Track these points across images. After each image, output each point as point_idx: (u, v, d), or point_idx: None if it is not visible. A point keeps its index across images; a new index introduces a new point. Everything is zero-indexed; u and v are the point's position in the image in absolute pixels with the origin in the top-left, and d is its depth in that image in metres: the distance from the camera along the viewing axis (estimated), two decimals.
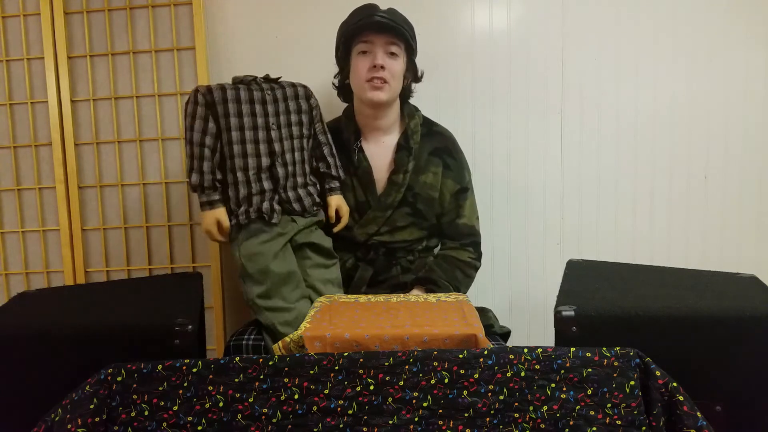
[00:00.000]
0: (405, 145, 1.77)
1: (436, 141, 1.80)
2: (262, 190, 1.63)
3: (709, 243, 2.09)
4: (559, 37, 2.04)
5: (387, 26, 1.65)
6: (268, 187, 1.63)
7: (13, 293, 1.93)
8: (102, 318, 1.42)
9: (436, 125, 1.84)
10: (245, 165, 1.61)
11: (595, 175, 2.09)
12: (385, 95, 1.70)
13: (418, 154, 1.77)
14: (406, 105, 1.81)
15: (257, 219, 1.62)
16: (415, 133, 1.77)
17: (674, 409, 1.13)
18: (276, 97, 1.66)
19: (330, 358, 1.19)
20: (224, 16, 2.08)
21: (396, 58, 1.69)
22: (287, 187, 1.66)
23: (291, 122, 1.68)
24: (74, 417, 1.14)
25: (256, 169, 1.62)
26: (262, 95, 1.64)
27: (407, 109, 1.80)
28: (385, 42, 1.67)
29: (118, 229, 2.14)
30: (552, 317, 1.33)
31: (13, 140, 2.12)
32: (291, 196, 1.66)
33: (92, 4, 2.07)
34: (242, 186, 1.62)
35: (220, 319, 2.11)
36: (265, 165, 1.63)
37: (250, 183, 1.62)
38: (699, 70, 2.03)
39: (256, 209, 1.61)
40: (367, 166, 1.77)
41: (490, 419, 1.15)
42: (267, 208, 1.62)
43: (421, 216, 1.76)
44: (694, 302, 1.32)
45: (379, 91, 1.69)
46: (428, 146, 1.79)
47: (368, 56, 1.68)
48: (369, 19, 1.65)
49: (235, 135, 1.60)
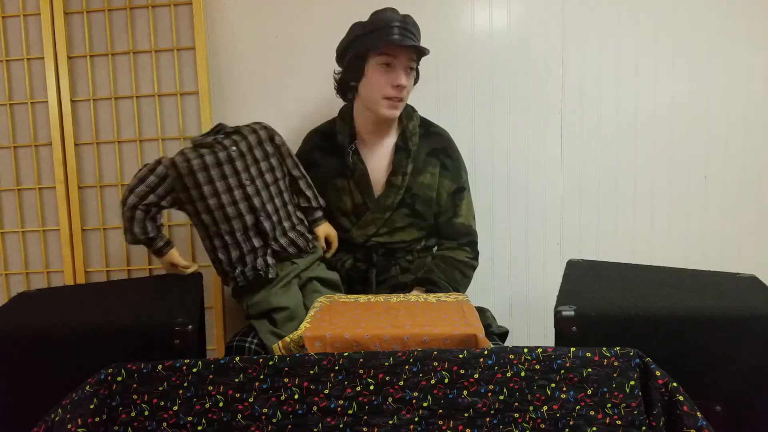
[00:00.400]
0: (403, 146, 1.76)
1: (433, 141, 1.79)
2: (253, 248, 1.63)
3: (709, 243, 2.09)
4: (559, 37, 2.04)
5: (414, 41, 1.63)
6: (258, 243, 1.64)
7: (13, 293, 1.93)
8: (102, 318, 1.42)
9: (433, 125, 1.84)
10: (230, 228, 1.62)
11: (595, 175, 2.09)
12: (399, 111, 1.71)
13: (416, 155, 1.77)
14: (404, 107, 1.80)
15: (255, 277, 1.63)
16: (413, 135, 1.77)
17: (674, 409, 1.13)
18: (242, 152, 1.64)
19: (330, 358, 1.19)
20: (224, 16, 2.08)
21: (413, 72, 1.70)
22: (277, 237, 1.66)
23: (262, 171, 1.67)
24: (74, 417, 1.14)
25: (243, 230, 1.63)
26: (226, 154, 1.62)
27: (405, 111, 1.78)
28: (407, 59, 1.66)
29: (118, 229, 2.14)
30: (552, 317, 1.33)
31: (13, 140, 2.12)
32: (283, 242, 1.67)
33: (92, 4, 2.07)
34: (232, 249, 1.63)
35: (220, 319, 2.11)
36: (250, 223, 1.63)
37: (240, 244, 1.63)
38: (699, 70, 2.03)
39: (251, 268, 1.63)
40: (363, 168, 1.77)
41: (490, 419, 1.15)
42: (262, 264, 1.63)
43: (419, 216, 1.76)
44: (694, 302, 1.32)
45: (395, 109, 1.70)
46: (426, 147, 1.78)
47: (389, 72, 1.65)
48: (398, 34, 1.61)
49: (213, 202, 1.60)
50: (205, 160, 1.60)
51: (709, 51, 2.02)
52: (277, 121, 2.12)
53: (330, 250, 1.77)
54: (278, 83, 2.10)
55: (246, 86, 2.11)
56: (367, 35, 1.64)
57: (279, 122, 2.11)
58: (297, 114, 2.10)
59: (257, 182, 1.64)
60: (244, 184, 1.62)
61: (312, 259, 1.71)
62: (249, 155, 1.65)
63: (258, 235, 1.64)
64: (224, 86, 2.11)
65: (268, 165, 1.68)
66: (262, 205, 1.64)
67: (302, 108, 2.10)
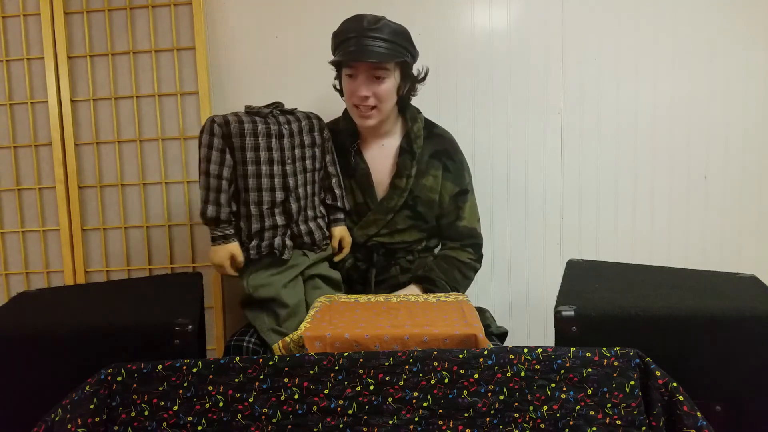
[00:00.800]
0: (408, 149, 1.76)
1: (435, 144, 1.79)
2: (275, 225, 1.62)
3: (709, 243, 2.09)
4: (559, 37, 2.04)
5: (370, 54, 1.60)
6: (281, 222, 1.63)
7: (13, 293, 1.93)
8: (102, 318, 1.42)
9: (436, 127, 1.83)
10: (259, 199, 1.60)
11: (595, 175, 2.09)
12: (373, 121, 1.70)
13: (420, 157, 1.76)
14: (408, 108, 1.79)
15: (268, 254, 1.62)
16: (418, 137, 1.76)
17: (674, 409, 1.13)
18: (292, 131, 1.65)
19: (330, 358, 1.19)
20: (224, 16, 2.08)
21: (383, 80, 1.65)
22: (299, 221, 1.66)
23: (305, 156, 1.67)
24: (74, 417, 1.14)
25: (270, 204, 1.61)
26: (278, 129, 1.62)
27: (409, 113, 1.78)
28: (369, 68, 1.63)
29: (118, 229, 2.14)
30: (552, 317, 1.33)
31: (13, 140, 2.12)
32: (302, 229, 1.67)
33: (92, 4, 2.07)
34: (255, 220, 1.61)
35: (220, 319, 2.11)
36: (279, 200, 1.62)
37: (263, 217, 1.61)
38: (699, 70, 2.03)
39: (267, 245, 1.61)
40: (365, 168, 1.77)
41: (490, 419, 1.15)
42: (279, 243, 1.62)
43: (421, 218, 1.76)
44: (694, 302, 1.32)
45: (366, 119, 1.69)
46: (429, 149, 1.78)
47: (354, 81, 1.66)
48: (354, 47, 1.60)
49: (251, 169, 1.59)
50: (257, 126, 1.60)
51: (709, 51, 2.02)
52: None
53: (340, 254, 1.76)
54: (278, 83, 2.10)
55: (246, 86, 2.11)
56: (343, 44, 1.64)
57: None
58: None
59: (297, 164, 1.65)
60: (285, 161, 1.62)
61: (321, 256, 1.71)
62: (298, 137, 1.66)
63: (282, 214, 1.63)
64: (224, 86, 2.11)
65: (311, 152, 1.69)
66: (295, 187, 1.64)
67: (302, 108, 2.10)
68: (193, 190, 2.13)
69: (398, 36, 1.64)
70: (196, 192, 2.13)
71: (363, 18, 1.63)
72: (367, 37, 1.60)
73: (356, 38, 1.61)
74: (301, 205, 1.66)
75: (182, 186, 2.12)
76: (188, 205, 2.13)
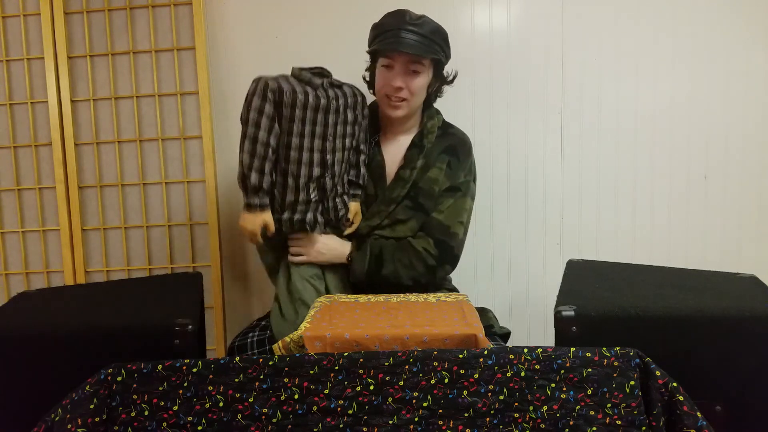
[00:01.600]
0: (418, 143, 1.78)
1: (448, 140, 1.80)
2: (308, 200, 1.62)
3: (709, 243, 2.09)
4: (559, 37, 2.04)
5: (410, 46, 1.62)
6: (314, 197, 1.63)
7: (13, 293, 1.92)
8: (102, 318, 1.42)
9: (452, 127, 1.85)
10: (297, 172, 1.60)
11: (595, 174, 2.09)
12: (402, 112, 1.72)
13: (430, 152, 1.77)
14: (429, 108, 1.81)
15: (300, 229, 1.63)
16: (430, 133, 1.78)
17: (674, 409, 1.13)
18: (338, 107, 1.64)
19: (330, 358, 1.19)
20: (224, 16, 2.08)
21: (418, 75, 1.68)
22: (330, 198, 1.67)
23: (345, 133, 1.67)
24: (74, 417, 1.14)
25: (307, 178, 1.61)
26: (327, 104, 1.61)
27: (428, 112, 1.81)
28: (406, 61, 1.66)
29: (118, 229, 2.14)
30: (552, 317, 1.33)
31: (13, 140, 2.12)
32: (331, 205, 1.67)
33: (92, 4, 2.07)
34: (290, 192, 1.60)
35: (220, 319, 2.11)
36: (315, 175, 1.61)
37: (299, 190, 1.60)
38: (699, 70, 2.03)
39: (300, 219, 1.62)
40: (381, 159, 1.78)
41: (490, 419, 1.15)
42: (311, 219, 1.62)
43: (421, 209, 1.76)
44: (694, 302, 1.32)
45: (396, 109, 1.71)
46: (441, 145, 1.79)
47: (390, 72, 1.67)
48: (393, 38, 1.62)
49: (295, 141, 1.58)
50: (308, 99, 1.58)
51: (709, 51, 2.02)
52: None
53: (350, 228, 1.75)
54: None
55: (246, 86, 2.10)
56: (382, 35, 1.66)
57: None
58: None
59: (337, 141, 1.65)
60: (327, 137, 1.62)
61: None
62: (342, 114, 1.65)
63: (317, 190, 1.63)
64: (224, 86, 2.11)
65: (351, 130, 1.69)
66: (332, 163, 1.64)
67: None
68: (193, 190, 2.13)
69: (436, 34, 1.67)
70: (196, 192, 2.13)
71: (405, 13, 1.66)
72: (407, 31, 1.62)
73: (396, 30, 1.63)
74: (335, 181, 1.66)
75: (182, 186, 2.12)
76: (188, 205, 2.13)
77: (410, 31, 1.63)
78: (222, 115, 2.11)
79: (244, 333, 1.66)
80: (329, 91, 1.63)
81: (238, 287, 2.20)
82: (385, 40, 1.63)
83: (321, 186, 1.63)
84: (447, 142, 1.80)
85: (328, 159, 1.62)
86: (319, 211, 1.64)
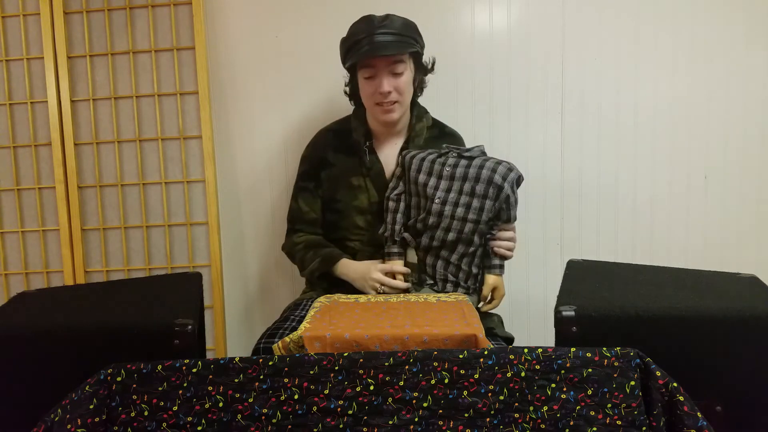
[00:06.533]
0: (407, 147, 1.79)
1: (448, 142, 1.80)
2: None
3: (709, 243, 2.09)
4: (559, 37, 2.04)
5: (386, 48, 1.62)
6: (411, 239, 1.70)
7: (13, 293, 1.92)
8: (102, 318, 1.42)
9: (447, 127, 1.87)
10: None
11: (595, 175, 2.09)
12: (397, 114, 1.72)
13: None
14: (416, 106, 1.81)
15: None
16: (417, 136, 1.78)
17: (674, 409, 1.13)
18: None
19: (330, 358, 1.18)
20: (224, 16, 2.08)
21: (402, 74, 1.68)
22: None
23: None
24: (74, 417, 1.14)
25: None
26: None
27: (416, 111, 1.81)
28: (387, 64, 1.65)
29: (117, 229, 2.14)
30: (552, 317, 1.33)
31: (13, 140, 2.12)
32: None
33: (92, 4, 2.07)
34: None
35: (219, 319, 2.11)
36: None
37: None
38: (699, 70, 2.03)
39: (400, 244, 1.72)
40: (380, 166, 1.78)
41: (490, 419, 1.15)
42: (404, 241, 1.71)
43: None
44: (694, 302, 1.32)
45: (390, 113, 1.71)
46: (441, 147, 1.79)
47: (374, 81, 1.67)
48: (368, 45, 1.62)
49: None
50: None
51: (709, 51, 2.02)
52: (277, 121, 2.13)
53: (489, 305, 1.71)
54: (278, 83, 2.10)
55: (246, 86, 2.11)
56: (354, 46, 1.66)
57: (279, 122, 2.12)
58: (297, 114, 2.10)
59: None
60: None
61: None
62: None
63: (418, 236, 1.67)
64: (224, 86, 2.11)
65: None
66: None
67: (302, 108, 2.10)
68: (193, 189, 2.13)
69: (407, 28, 1.67)
70: (196, 192, 2.13)
71: (370, 19, 1.66)
72: (378, 34, 1.62)
73: (368, 37, 1.62)
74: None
75: (182, 186, 2.12)
76: (188, 205, 2.13)
77: (381, 34, 1.62)
78: (222, 115, 2.11)
79: (270, 335, 1.61)
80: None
81: (238, 287, 2.20)
82: (360, 50, 1.63)
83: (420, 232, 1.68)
84: (447, 143, 1.79)
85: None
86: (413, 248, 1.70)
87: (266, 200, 2.15)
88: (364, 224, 1.78)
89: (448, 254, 1.65)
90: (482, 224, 1.62)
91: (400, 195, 1.71)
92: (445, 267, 1.66)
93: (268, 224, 2.15)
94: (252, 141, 2.12)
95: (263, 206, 2.16)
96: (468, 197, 1.61)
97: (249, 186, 2.15)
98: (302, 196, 1.82)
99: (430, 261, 1.66)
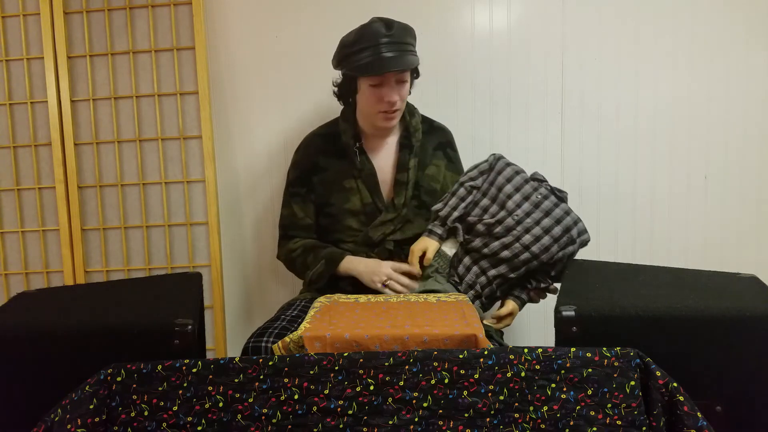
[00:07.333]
0: (407, 143, 1.79)
1: (439, 136, 1.83)
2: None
3: (709, 243, 2.08)
4: (559, 37, 2.04)
5: (399, 63, 1.63)
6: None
7: (13, 293, 1.92)
8: (102, 318, 1.41)
9: (434, 122, 1.88)
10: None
11: (595, 175, 2.09)
12: (397, 120, 1.74)
13: (421, 150, 1.79)
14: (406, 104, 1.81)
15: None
16: (416, 131, 1.79)
17: (674, 409, 1.13)
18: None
19: (330, 358, 1.18)
20: (224, 16, 2.08)
21: (406, 83, 1.70)
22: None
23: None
24: (74, 417, 1.14)
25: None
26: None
27: (406, 108, 1.80)
28: (395, 75, 1.66)
29: (117, 229, 2.14)
30: (552, 317, 1.33)
31: (13, 140, 2.12)
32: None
33: (92, 4, 2.07)
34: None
35: (219, 319, 2.11)
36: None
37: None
38: (699, 70, 2.03)
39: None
40: (371, 167, 1.78)
41: (490, 419, 1.15)
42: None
43: (425, 207, 1.77)
44: (694, 302, 1.32)
45: (393, 120, 1.73)
46: (432, 142, 1.82)
47: (380, 89, 1.67)
48: (376, 58, 1.61)
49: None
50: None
51: (709, 51, 2.02)
52: (277, 121, 2.13)
53: (495, 323, 1.72)
54: (278, 83, 2.10)
55: (246, 86, 2.11)
56: (356, 54, 1.64)
57: (279, 122, 2.12)
58: (297, 113, 2.10)
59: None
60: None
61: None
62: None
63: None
64: (224, 86, 2.11)
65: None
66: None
67: (302, 107, 2.10)
68: (193, 189, 2.13)
69: (409, 36, 1.69)
70: (196, 192, 2.13)
71: (377, 26, 1.64)
72: (386, 45, 1.62)
73: (376, 47, 1.62)
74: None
75: (182, 186, 2.12)
76: (188, 205, 2.13)
77: (389, 44, 1.62)
78: (222, 115, 2.11)
79: (259, 333, 1.61)
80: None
81: (238, 287, 2.20)
82: (366, 60, 1.63)
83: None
84: (438, 139, 1.83)
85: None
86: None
87: (266, 200, 2.15)
88: (358, 225, 1.78)
89: (488, 267, 1.65)
90: (537, 261, 1.63)
91: (475, 188, 1.69)
92: (478, 276, 1.65)
93: (268, 224, 2.15)
94: (252, 141, 2.12)
95: (263, 206, 2.16)
96: (542, 231, 1.61)
97: (249, 186, 2.15)
98: (296, 202, 1.82)
99: (468, 262, 1.66)
